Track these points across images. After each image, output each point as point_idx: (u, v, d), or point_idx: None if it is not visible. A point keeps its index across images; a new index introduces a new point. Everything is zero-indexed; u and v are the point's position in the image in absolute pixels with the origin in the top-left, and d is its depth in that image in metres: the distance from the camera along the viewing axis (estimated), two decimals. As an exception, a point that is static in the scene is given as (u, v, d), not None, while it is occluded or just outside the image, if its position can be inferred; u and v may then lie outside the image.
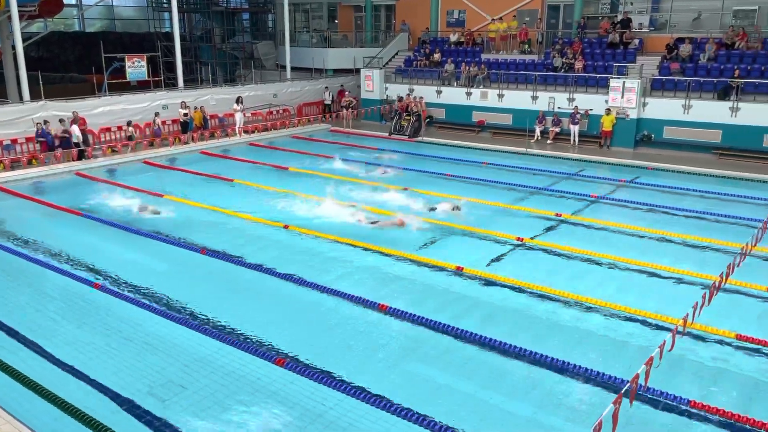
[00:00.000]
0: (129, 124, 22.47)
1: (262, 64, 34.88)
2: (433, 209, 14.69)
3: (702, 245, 12.48)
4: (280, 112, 28.31)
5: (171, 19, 27.11)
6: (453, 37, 29.52)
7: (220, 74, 34.59)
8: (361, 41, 33.59)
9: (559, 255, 12.10)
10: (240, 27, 39.15)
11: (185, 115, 23.20)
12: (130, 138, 22.19)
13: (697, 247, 12.45)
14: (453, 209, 14.60)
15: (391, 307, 9.67)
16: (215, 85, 28.18)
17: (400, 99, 26.53)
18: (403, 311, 9.56)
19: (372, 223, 13.77)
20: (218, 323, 9.30)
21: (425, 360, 8.40)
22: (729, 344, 8.63)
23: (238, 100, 24.42)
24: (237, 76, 34.36)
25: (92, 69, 25.98)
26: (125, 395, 7.46)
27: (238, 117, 24.32)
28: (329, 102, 29.33)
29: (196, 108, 24.05)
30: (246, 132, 24.74)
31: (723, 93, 20.63)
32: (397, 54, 30.88)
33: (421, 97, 26.25)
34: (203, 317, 9.49)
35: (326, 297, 10.24)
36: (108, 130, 22.43)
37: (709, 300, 7.70)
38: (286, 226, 13.59)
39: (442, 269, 11.36)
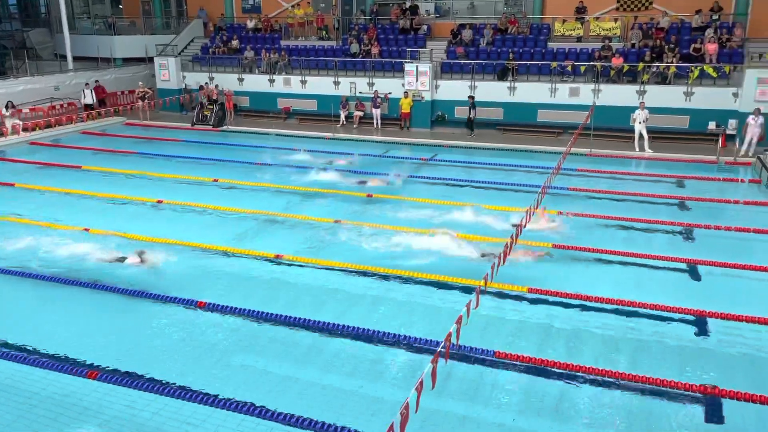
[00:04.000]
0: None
1: (37, 53, 31.27)
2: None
3: (494, 212, 13.78)
4: (65, 106, 25.69)
5: None
6: (250, 24, 29.01)
7: (-15, 66, 30.34)
8: (152, 28, 31.61)
9: (373, 233, 12.63)
10: (6, 12, 34.60)
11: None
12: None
13: (491, 214, 13.72)
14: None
15: (210, 303, 9.42)
16: (-20, 79, 24.73)
17: (201, 87, 25.56)
18: (226, 306, 9.36)
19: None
20: (16, 344, 8.35)
21: (256, 353, 8.35)
22: (523, 297, 9.73)
23: (7, 106, 21.59)
24: (7, 69, 30.40)
25: None
26: None
27: (9, 123, 21.58)
28: (90, 101, 25.34)
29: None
30: (25, 130, 22.09)
31: (501, 74, 22.87)
32: (192, 41, 29.58)
33: (229, 90, 25.50)
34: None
35: (137, 299, 9.67)
36: None
37: (504, 260, 8.61)
38: (86, 229, 12.52)
39: (260, 258, 11.29)
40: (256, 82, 26.12)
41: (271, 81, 25.77)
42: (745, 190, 15.84)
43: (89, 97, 25.40)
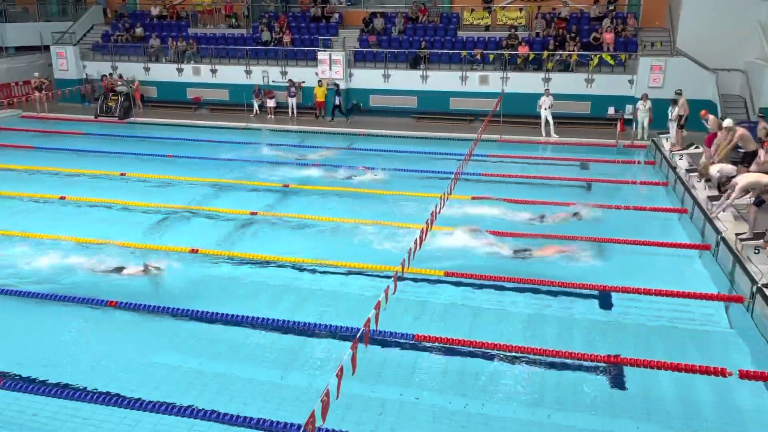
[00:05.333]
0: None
1: None
2: None
3: (405, 198, 13.92)
4: (-49, 99, 23.80)
5: None
6: (155, 11, 27.86)
7: None
8: (47, 14, 29.75)
9: (290, 224, 12.57)
10: None
11: None
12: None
13: (401, 200, 13.84)
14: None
15: (123, 302, 9.08)
16: None
17: (104, 77, 24.38)
18: (139, 304, 9.05)
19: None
20: None
21: (172, 350, 8.16)
22: (441, 281, 9.99)
23: None
24: None
25: None
26: None
27: None
28: None
29: None
30: None
31: (414, 63, 23.16)
32: (92, 28, 28.06)
33: (133, 77, 24.43)
34: None
35: (42, 301, 9.19)
36: None
37: (420, 245, 8.79)
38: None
39: (175, 253, 10.96)
40: (164, 72, 25.14)
41: (180, 70, 24.91)
42: (642, 171, 16.91)
43: None
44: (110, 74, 24.87)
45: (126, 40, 26.33)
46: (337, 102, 22.47)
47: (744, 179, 10.26)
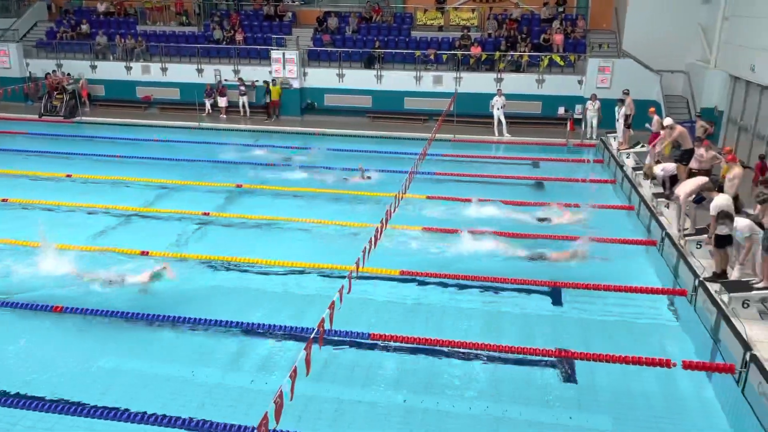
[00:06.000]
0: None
1: None
2: None
3: (364, 198, 13.97)
4: None
5: None
6: (101, 7, 27.09)
7: None
8: (-13, 10, 28.62)
9: (242, 224, 12.42)
10: None
11: None
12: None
13: (360, 200, 13.90)
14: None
15: (69, 307, 8.82)
16: None
17: (48, 75, 23.57)
18: (87, 309, 8.80)
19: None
20: None
21: (122, 355, 7.97)
22: (395, 279, 10.03)
23: None
24: None
25: None
26: None
27: None
28: None
29: None
30: None
31: (368, 62, 23.18)
32: (36, 25, 27.09)
33: (80, 74, 23.71)
34: None
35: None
36: None
37: (375, 244, 8.81)
38: None
39: (129, 256, 10.68)
40: (111, 70, 24.46)
41: (128, 68, 24.27)
42: (591, 169, 17.35)
43: None
44: (54, 71, 24.08)
45: (71, 37, 25.52)
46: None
47: (683, 189, 10.63)
